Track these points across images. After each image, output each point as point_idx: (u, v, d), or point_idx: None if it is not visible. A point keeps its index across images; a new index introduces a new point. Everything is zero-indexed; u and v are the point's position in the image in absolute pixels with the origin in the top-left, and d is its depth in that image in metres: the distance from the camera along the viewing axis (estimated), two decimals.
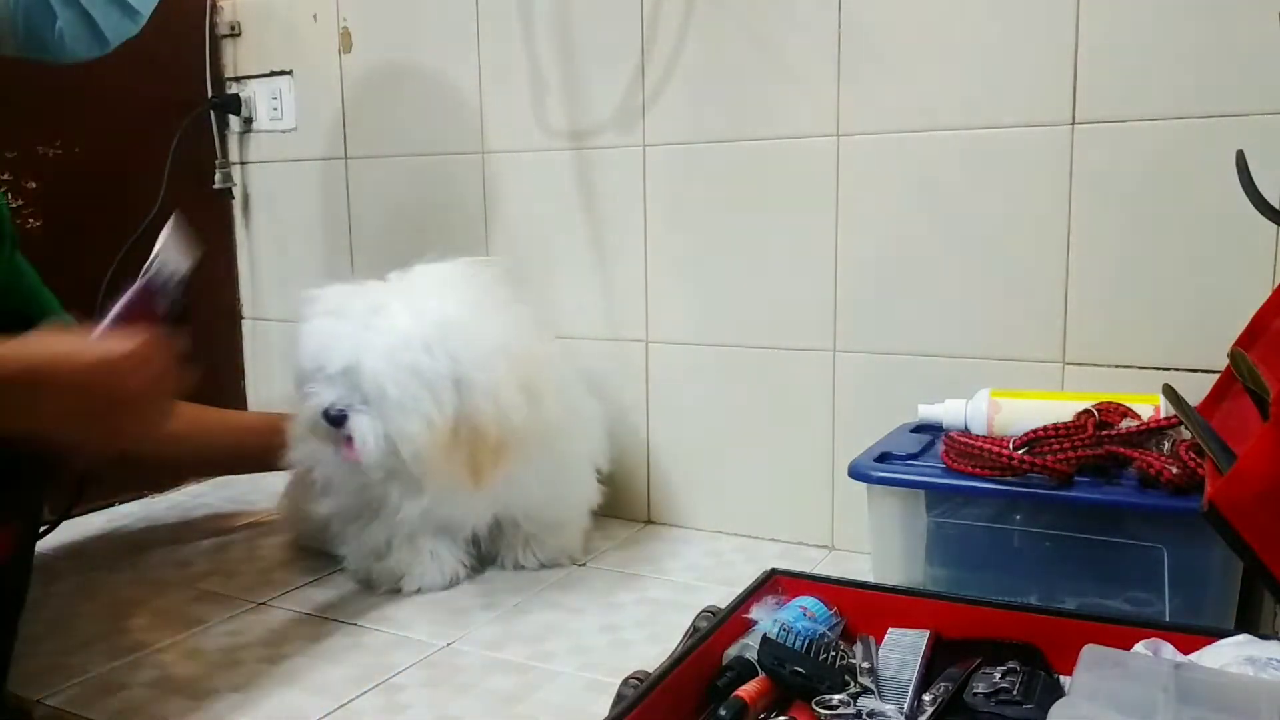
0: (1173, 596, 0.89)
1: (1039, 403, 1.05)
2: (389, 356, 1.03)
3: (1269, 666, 0.68)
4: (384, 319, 1.05)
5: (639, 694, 0.71)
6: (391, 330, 1.04)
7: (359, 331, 1.05)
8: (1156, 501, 0.88)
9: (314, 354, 1.07)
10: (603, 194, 1.36)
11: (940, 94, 1.14)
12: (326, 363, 1.05)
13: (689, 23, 1.27)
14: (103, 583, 1.20)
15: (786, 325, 1.26)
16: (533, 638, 1.02)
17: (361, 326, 1.05)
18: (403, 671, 0.96)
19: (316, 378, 1.07)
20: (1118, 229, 1.08)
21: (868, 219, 1.20)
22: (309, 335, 1.08)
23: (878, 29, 1.17)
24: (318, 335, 1.07)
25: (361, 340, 1.04)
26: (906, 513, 0.99)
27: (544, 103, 1.39)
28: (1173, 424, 0.94)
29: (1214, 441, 0.81)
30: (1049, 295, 1.11)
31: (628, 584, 1.17)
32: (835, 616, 0.87)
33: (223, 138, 1.68)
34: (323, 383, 1.06)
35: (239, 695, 0.91)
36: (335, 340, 1.05)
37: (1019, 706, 0.72)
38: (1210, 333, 1.00)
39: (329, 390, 1.06)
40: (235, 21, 1.64)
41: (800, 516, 1.29)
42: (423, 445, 1.03)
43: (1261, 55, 0.99)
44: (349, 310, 1.07)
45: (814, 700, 0.73)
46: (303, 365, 1.08)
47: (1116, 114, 1.06)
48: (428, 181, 1.51)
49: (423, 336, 1.04)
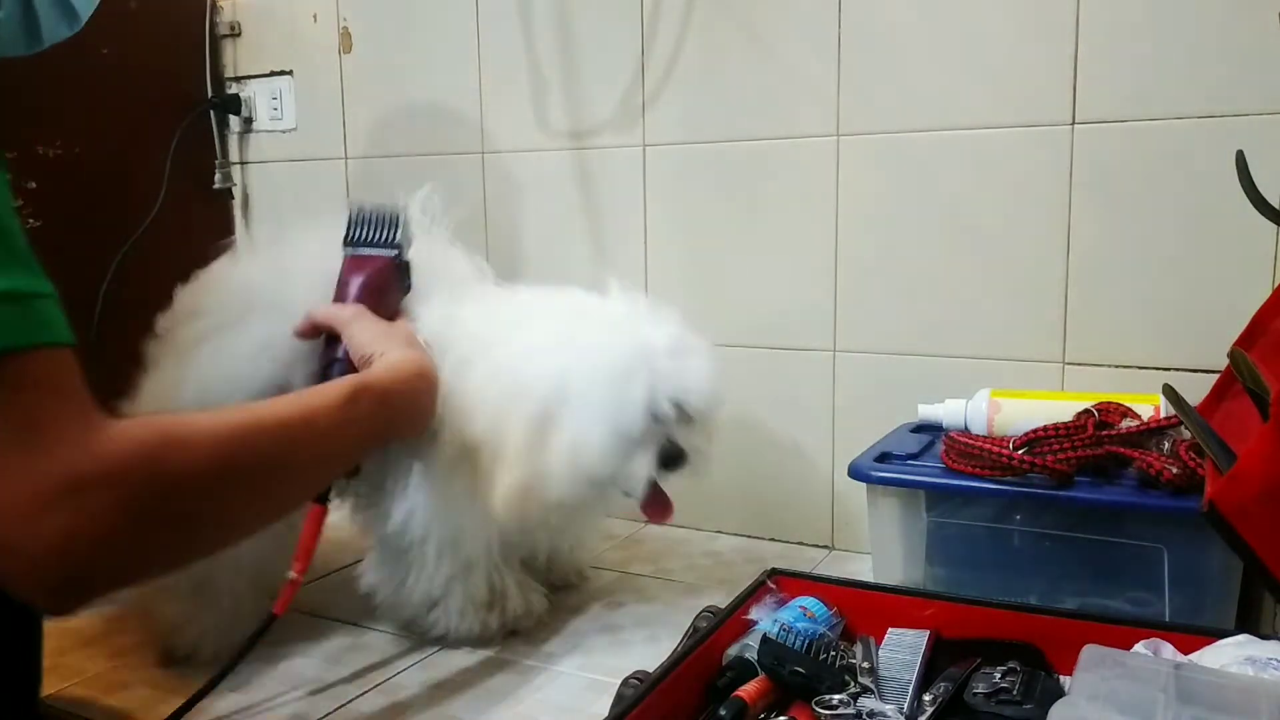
0: (1173, 596, 0.89)
1: (1039, 403, 1.05)
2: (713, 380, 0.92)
3: (1269, 666, 0.68)
4: (698, 345, 0.94)
5: (639, 694, 0.71)
6: (702, 350, 0.93)
7: (703, 364, 0.93)
8: (1156, 501, 0.88)
9: (663, 398, 0.90)
10: (603, 194, 1.36)
11: (940, 94, 1.14)
12: (688, 404, 0.91)
13: (689, 23, 1.27)
14: None
15: (786, 325, 1.26)
16: (533, 638, 1.02)
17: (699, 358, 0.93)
18: (403, 672, 0.96)
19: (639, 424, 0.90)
20: (1118, 229, 1.08)
21: (868, 219, 1.20)
22: (647, 376, 0.90)
23: (878, 29, 1.17)
24: (658, 377, 0.90)
25: (707, 371, 0.93)
26: (906, 513, 0.99)
27: (544, 103, 1.39)
28: (1173, 424, 0.94)
29: (1214, 441, 0.81)
30: (1049, 295, 1.12)
31: (628, 584, 1.17)
32: (835, 616, 0.87)
33: (223, 138, 1.68)
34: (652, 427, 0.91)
35: (239, 695, 0.91)
36: (697, 378, 0.91)
37: (1019, 706, 0.72)
38: (1210, 333, 1.00)
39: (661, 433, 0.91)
40: (235, 21, 1.64)
41: (800, 516, 1.29)
42: None
43: (1261, 55, 0.99)
44: (664, 345, 0.92)
45: (814, 700, 0.73)
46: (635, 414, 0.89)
47: (1116, 114, 1.06)
48: (428, 181, 1.50)
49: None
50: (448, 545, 0.97)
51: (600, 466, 0.89)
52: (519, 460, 0.89)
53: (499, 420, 0.90)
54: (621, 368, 0.89)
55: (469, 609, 0.99)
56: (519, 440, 0.89)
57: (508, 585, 1.01)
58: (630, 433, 0.89)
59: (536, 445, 0.89)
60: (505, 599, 1.01)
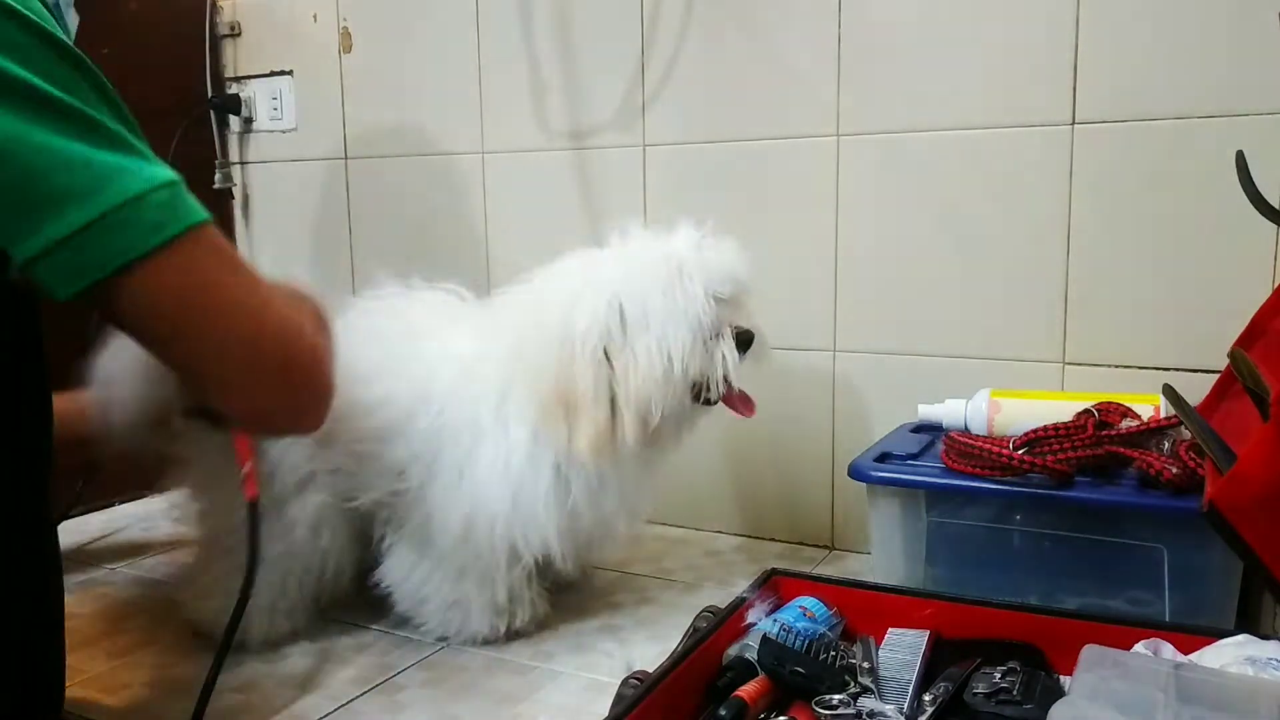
0: (1173, 596, 0.89)
1: (1039, 403, 1.05)
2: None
3: (1269, 666, 0.68)
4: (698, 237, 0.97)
5: (639, 694, 0.71)
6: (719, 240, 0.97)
7: (724, 254, 0.96)
8: (1156, 501, 0.88)
9: (736, 268, 0.96)
10: (603, 194, 1.36)
11: (940, 94, 1.14)
12: (728, 289, 0.95)
13: (689, 23, 1.27)
14: (103, 582, 1.20)
15: (786, 325, 1.26)
16: (533, 638, 1.02)
17: (721, 250, 0.97)
18: (403, 672, 0.96)
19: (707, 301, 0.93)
20: (1118, 229, 1.08)
21: (868, 219, 1.20)
22: (713, 253, 0.96)
23: (878, 29, 1.17)
24: (726, 252, 0.96)
25: (735, 257, 0.97)
26: (906, 513, 0.99)
27: (544, 103, 1.39)
28: (1173, 424, 0.94)
29: (1214, 441, 0.81)
30: (1049, 295, 1.12)
31: (628, 584, 1.17)
32: (835, 616, 0.87)
33: (223, 138, 1.68)
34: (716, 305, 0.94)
35: (239, 695, 0.91)
36: (733, 250, 0.97)
37: (1019, 706, 0.72)
38: (1210, 333, 1.00)
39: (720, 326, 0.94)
40: (235, 21, 1.64)
41: (800, 516, 1.29)
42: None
43: (1261, 55, 0.99)
44: (686, 247, 0.96)
45: (814, 700, 0.73)
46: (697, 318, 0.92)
47: (1116, 114, 1.06)
48: (428, 181, 1.51)
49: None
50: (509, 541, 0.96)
51: (691, 364, 0.92)
52: (597, 402, 0.91)
53: (565, 375, 0.91)
54: (671, 273, 0.93)
55: (488, 611, 1.00)
56: (588, 383, 0.91)
57: (524, 591, 1.02)
58: (706, 324, 0.93)
59: (608, 381, 0.92)
60: (520, 605, 1.01)
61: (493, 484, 0.94)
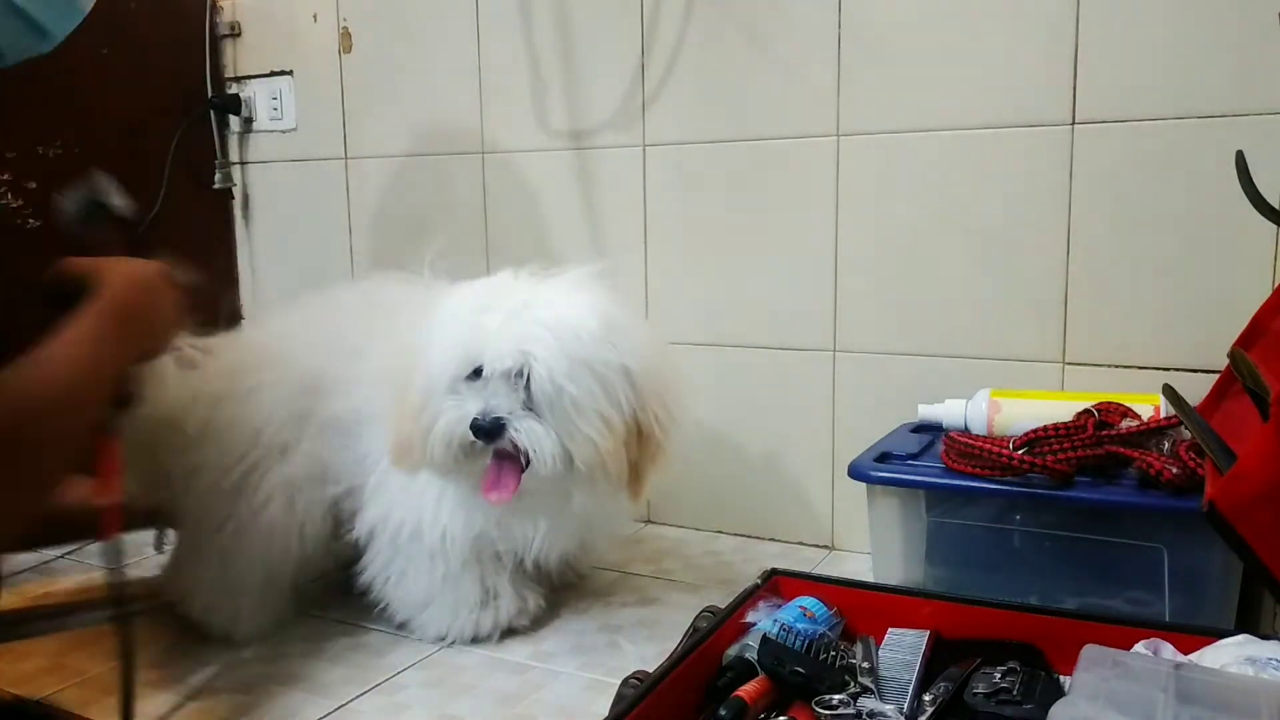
0: (1173, 596, 0.89)
1: (1039, 403, 1.05)
2: (564, 351, 0.88)
3: (1269, 666, 0.68)
4: (545, 312, 0.91)
5: (639, 694, 0.71)
6: (561, 323, 0.90)
7: (525, 326, 0.90)
8: (1156, 501, 0.88)
9: (467, 355, 0.90)
10: (603, 194, 1.36)
11: (940, 94, 1.14)
12: (488, 363, 0.89)
13: (689, 23, 1.27)
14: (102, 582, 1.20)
15: (786, 325, 1.26)
16: (533, 638, 1.02)
17: (526, 321, 0.90)
18: (403, 671, 0.96)
19: (460, 387, 0.91)
20: (1118, 229, 1.08)
21: (868, 219, 1.20)
22: (459, 332, 0.91)
23: (878, 29, 1.17)
24: (471, 332, 0.90)
25: (530, 334, 0.89)
26: (906, 513, 0.99)
27: (544, 103, 1.39)
28: (1173, 424, 0.94)
29: (1214, 441, 0.81)
30: (1049, 295, 1.11)
31: (628, 584, 1.17)
32: (835, 616, 0.87)
33: (223, 138, 1.68)
34: (472, 391, 0.90)
35: (240, 696, 0.91)
36: (497, 336, 0.89)
37: (1019, 706, 0.72)
38: (1210, 333, 1.00)
39: (478, 399, 0.90)
40: (235, 21, 1.64)
41: (800, 516, 1.29)
42: (603, 452, 0.90)
43: (1261, 55, 0.99)
44: (497, 306, 0.92)
45: (814, 700, 0.73)
46: (445, 370, 0.91)
47: (1116, 114, 1.06)
48: (428, 181, 1.51)
49: (593, 329, 0.91)
50: (437, 543, 0.98)
51: (422, 419, 0.92)
52: (402, 417, 0.94)
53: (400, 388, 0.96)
54: (439, 323, 0.93)
55: (462, 609, 1.01)
56: (402, 401, 0.95)
57: (501, 585, 1.02)
58: (437, 387, 0.91)
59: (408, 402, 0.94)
60: (499, 599, 1.02)
61: (412, 486, 0.98)
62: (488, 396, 0.90)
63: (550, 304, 0.92)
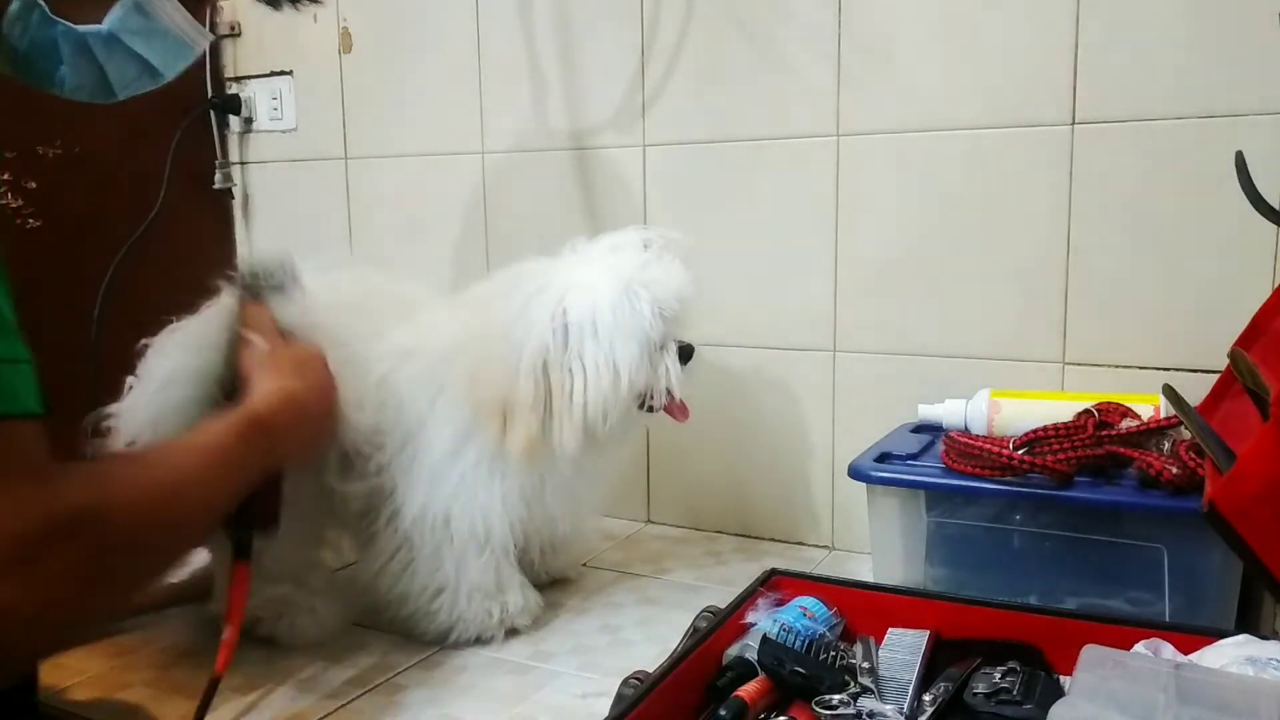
0: (1173, 596, 0.89)
1: (1039, 403, 1.05)
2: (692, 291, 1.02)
3: (1269, 666, 0.68)
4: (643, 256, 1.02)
5: (639, 694, 0.71)
6: (662, 258, 1.02)
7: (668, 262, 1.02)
8: (1156, 501, 0.88)
9: (679, 287, 1.01)
10: (603, 194, 1.36)
11: (940, 94, 1.14)
12: (681, 299, 1.01)
13: (689, 23, 1.27)
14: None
15: (786, 325, 1.26)
16: (533, 638, 1.02)
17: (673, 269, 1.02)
18: (402, 671, 0.96)
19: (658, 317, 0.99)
20: (1118, 229, 1.08)
21: (868, 219, 1.20)
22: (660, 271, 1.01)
23: (878, 29, 1.17)
24: (672, 271, 1.02)
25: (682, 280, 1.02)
26: (906, 513, 0.99)
27: (544, 103, 1.39)
28: (1173, 424, 0.94)
29: (1214, 441, 0.81)
30: (1049, 295, 1.12)
31: (628, 584, 1.17)
32: (835, 616, 0.87)
33: (223, 138, 1.68)
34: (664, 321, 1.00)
35: (240, 696, 0.91)
36: (676, 269, 1.02)
37: (1019, 706, 0.72)
38: (1210, 333, 1.00)
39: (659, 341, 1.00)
40: (235, 21, 1.64)
41: (800, 516, 1.29)
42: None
43: (1261, 55, 0.99)
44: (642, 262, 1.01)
45: (814, 700, 0.73)
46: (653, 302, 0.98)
47: (1116, 114, 1.06)
48: (428, 181, 1.51)
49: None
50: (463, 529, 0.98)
51: (637, 376, 0.97)
52: (534, 407, 0.95)
53: (504, 381, 0.95)
54: (620, 292, 0.97)
55: (476, 595, 1.00)
56: (528, 391, 0.95)
57: (510, 578, 1.03)
58: (654, 339, 0.98)
59: (546, 391, 0.96)
60: (507, 592, 1.02)
61: (438, 475, 0.98)
62: (674, 328, 1.00)
63: (642, 252, 1.02)
